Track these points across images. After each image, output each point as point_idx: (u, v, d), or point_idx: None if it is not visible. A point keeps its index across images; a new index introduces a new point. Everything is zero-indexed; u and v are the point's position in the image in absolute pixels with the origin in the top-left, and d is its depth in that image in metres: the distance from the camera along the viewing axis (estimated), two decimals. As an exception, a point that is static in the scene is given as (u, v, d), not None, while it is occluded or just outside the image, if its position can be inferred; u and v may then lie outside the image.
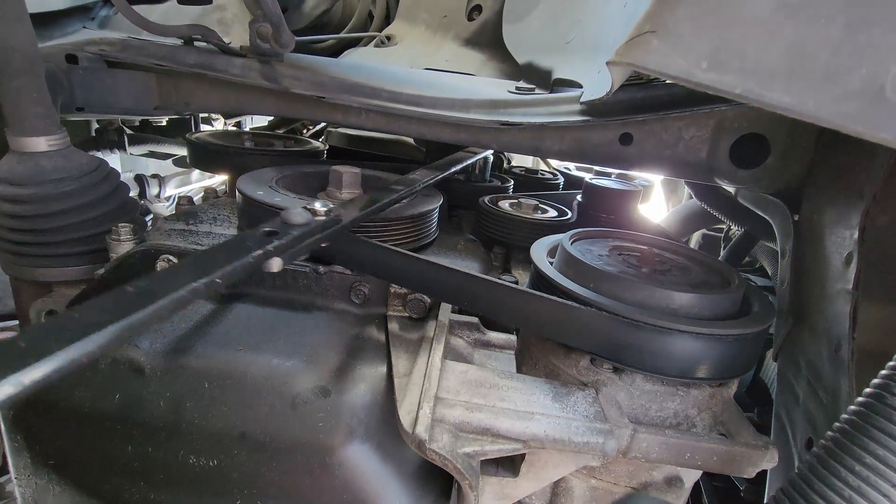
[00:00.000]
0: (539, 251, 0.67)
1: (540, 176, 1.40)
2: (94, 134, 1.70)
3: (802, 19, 0.30)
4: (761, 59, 0.31)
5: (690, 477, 0.61)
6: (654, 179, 1.56)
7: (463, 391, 0.52)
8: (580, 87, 0.80)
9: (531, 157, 1.90)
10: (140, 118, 1.77)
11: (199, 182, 2.16)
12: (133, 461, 0.53)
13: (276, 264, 0.40)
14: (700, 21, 0.31)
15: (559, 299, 0.54)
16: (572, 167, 1.65)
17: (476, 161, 1.07)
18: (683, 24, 0.32)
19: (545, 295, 0.56)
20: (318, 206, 0.51)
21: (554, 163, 1.76)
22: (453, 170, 0.90)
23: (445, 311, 0.63)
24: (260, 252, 0.37)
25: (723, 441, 0.52)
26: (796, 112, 0.31)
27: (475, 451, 0.47)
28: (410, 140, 1.46)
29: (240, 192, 0.71)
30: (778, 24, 0.30)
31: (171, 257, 0.65)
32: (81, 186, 0.70)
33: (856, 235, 0.58)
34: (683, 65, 0.32)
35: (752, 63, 0.31)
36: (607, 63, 0.37)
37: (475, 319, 0.64)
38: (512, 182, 1.16)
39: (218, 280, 0.32)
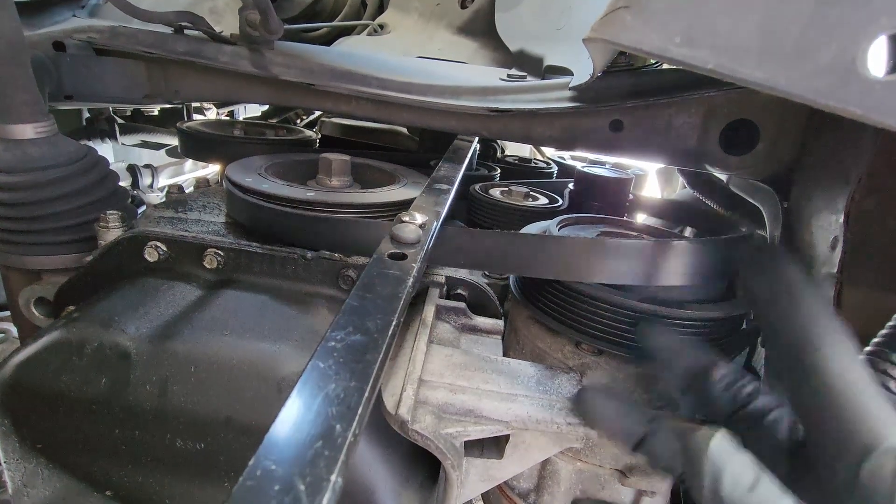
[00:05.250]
0: (526, 237, 0.67)
1: (533, 164, 1.39)
2: (84, 123, 1.69)
3: (773, -6, 0.30)
4: (733, 34, 0.31)
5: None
6: (648, 168, 1.56)
7: (447, 374, 0.53)
8: (571, 73, 0.80)
9: (528, 147, 1.89)
10: (132, 107, 1.76)
11: (193, 172, 2.16)
12: (120, 444, 0.53)
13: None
14: (672, -4, 0.31)
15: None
16: (567, 156, 1.64)
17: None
18: (656, 0, 0.31)
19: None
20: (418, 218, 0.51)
21: (549, 152, 1.75)
22: (466, 161, 0.88)
23: (433, 296, 0.63)
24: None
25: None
26: (769, 87, 0.31)
27: (458, 432, 0.47)
28: (404, 129, 1.45)
29: (227, 179, 0.71)
30: (749, 0, 0.30)
31: (158, 244, 0.65)
32: (69, 174, 0.70)
33: (841, 220, 0.59)
34: (657, 40, 0.32)
35: (724, 39, 0.31)
36: (584, 40, 0.37)
37: (462, 305, 0.64)
38: (499, 171, 1.16)
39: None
